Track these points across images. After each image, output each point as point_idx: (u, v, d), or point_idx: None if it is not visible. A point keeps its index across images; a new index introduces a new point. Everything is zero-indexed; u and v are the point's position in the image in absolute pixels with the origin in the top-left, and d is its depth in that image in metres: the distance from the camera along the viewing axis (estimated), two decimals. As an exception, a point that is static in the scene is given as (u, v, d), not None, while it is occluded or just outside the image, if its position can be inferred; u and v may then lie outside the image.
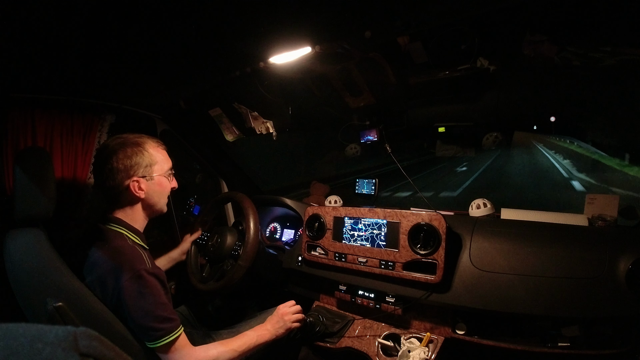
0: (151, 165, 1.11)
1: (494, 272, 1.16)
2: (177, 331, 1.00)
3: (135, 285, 0.96)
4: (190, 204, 2.37)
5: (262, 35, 1.09)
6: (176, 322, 1.01)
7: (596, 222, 1.25)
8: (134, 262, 0.98)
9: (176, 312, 1.04)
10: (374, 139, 1.74)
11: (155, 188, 1.13)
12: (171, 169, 1.19)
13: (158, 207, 1.17)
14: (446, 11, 1.03)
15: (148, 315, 0.96)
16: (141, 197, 1.11)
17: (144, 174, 1.10)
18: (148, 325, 0.96)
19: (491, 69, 1.34)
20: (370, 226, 1.37)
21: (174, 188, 1.21)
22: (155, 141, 1.16)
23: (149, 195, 1.12)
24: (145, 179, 1.10)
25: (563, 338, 1.09)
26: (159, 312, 0.97)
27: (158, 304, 0.98)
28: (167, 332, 0.97)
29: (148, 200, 1.13)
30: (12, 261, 0.99)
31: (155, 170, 1.12)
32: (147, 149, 1.11)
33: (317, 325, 1.36)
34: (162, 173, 1.15)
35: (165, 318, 0.98)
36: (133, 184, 1.08)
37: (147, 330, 0.96)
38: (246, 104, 1.74)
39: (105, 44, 1.00)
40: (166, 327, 0.98)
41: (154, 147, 1.14)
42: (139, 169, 1.09)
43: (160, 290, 1.00)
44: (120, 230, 1.08)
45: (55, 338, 0.31)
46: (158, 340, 0.96)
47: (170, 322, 0.99)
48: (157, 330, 0.96)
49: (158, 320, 0.97)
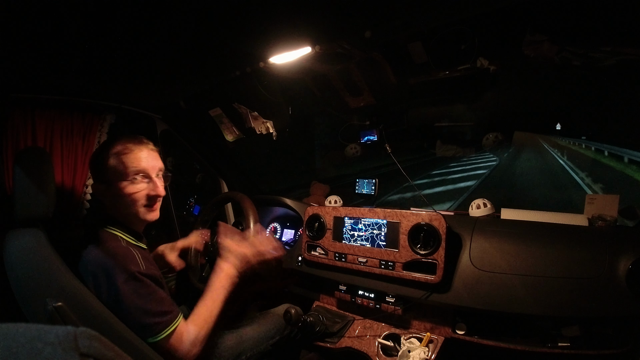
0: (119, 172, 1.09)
1: (494, 272, 1.16)
2: (176, 321, 1.01)
3: (130, 287, 0.96)
4: (190, 204, 2.37)
5: (262, 35, 1.09)
6: (174, 313, 1.01)
7: (596, 222, 1.25)
8: (126, 264, 0.98)
9: (174, 303, 1.04)
10: (374, 139, 1.74)
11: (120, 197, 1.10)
12: (160, 172, 1.17)
13: (138, 216, 1.14)
14: (446, 11, 1.03)
15: (147, 313, 0.96)
16: (128, 201, 1.10)
17: (110, 180, 1.09)
18: (147, 322, 0.96)
19: (491, 69, 1.34)
20: (370, 226, 1.37)
21: (155, 194, 1.16)
22: (146, 145, 1.15)
23: (115, 204, 1.12)
24: (108, 185, 1.09)
25: (563, 338, 1.09)
26: (157, 309, 0.98)
27: (155, 301, 0.99)
28: (166, 324, 0.98)
29: (118, 209, 1.12)
30: (12, 261, 0.99)
31: (120, 176, 1.09)
32: (142, 149, 1.12)
33: (317, 325, 1.36)
34: (127, 179, 1.11)
35: (163, 312, 0.99)
36: (99, 188, 1.09)
37: (147, 326, 0.97)
38: (246, 104, 1.74)
39: (105, 44, 1.00)
40: (165, 320, 0.99)
41: (142, 150, 1.13)
42: (116, 174, 1.08)
43: (155, 289, 1.01)
44: (115, 232, 1.08)
45: (55, 338, 0.31)
46: (159, 333, 0.97)
47: (168, 314, 1.00)
48: (157, 325, 0.97)
49: (157, 315, 0.98)
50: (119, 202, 1.10)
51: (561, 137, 9.93)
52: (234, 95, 1.71)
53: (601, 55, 1.19)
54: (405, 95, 1.73)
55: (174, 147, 2.16)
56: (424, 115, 2.10)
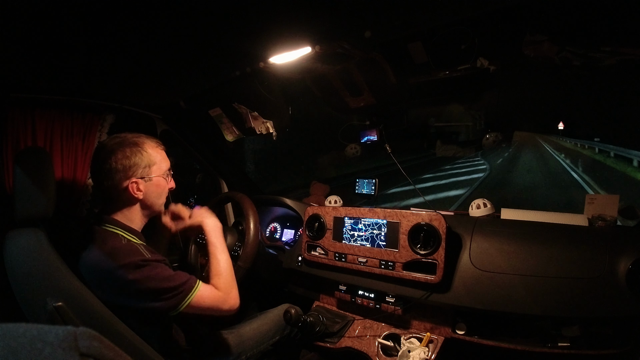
0: (150, 166, 1.11)
1: (494, 272, 1.16)
2: (196, 285, 1.04)
3: (139, 275, 0.96)
4: (190, 204, 2.37)
5: (262, 35, 1.09)
6: (191, 280, 1.04)
7: (596, 222, 1.25)
8: (130, 257, 0.98)
9: (186, 274, 1.06)
10: (374, 139, 1.74)
11: (154, 189, 1.13)
12: (169, 169, 1.19)
13: (156, 207, 1.17)
14: (446, 11, 1.03)
15: (161, 292, 0.98)
16: (139, 198, 1.10)
17: (142, 175, 1.09)
18: (166, 297, 0.98)
19: (491, 69, 1.34)
20: (370, 226, 1.37)
21: (171, 188, 1.20)
22: (155, 141, 1.15)
23: (147, 196, 1.12)
24: (144, 180, 1.10)
25: (563, 338, 1.09)
26: (171, 284, 1.00)
27: (166, 279, 1.00)
28: (186, 292, 1.01)
29: (146, 201, 1.13)
30: (12, 261, 0.99)
31: (153, 171, 1.12)
32: (146, 149, 1.11)
33: (317, 325, 1.36)
34: (160, 174, 1.14)
35: (178, 285, 1.01)
36: (132, 185, 1.08)
37: (168, 300, 0.98)
38: (246, 104, 1.74)
39: (105, 43, 1.00)
40: (184, 290, 1.01)
41: (152, 147, 1.13)
42: (138, 170, 1.08)
43: (164, 268, 1.02)
44: (116, 231, 1.08)
45: (55, 338, 0.31)
46: (182, 302, 1.00)
47: (185, 284, 1.02)
48: (176, 296, 0.99)
49: (173, 290, 1.00)
50: (150, 198, 1.13)
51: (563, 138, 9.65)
52: (234, 95, 1.71)
53: (601, 55, 1.18)
54: (405, 95, 1.72)
55: (174, 147, 2.16)
56: (424, 115, 2.10)
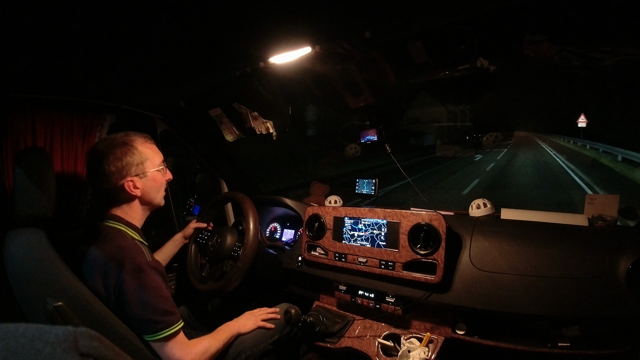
0: (143, 163, 1.11)
1: (494, 272, 1.16)
2: (177, 325, 1.01)
3: (136, 279, 0.96)
4: (190, 204, 2.37)
5: (262, 35, 1.09)
6: (176, 316, 1.02)
7: (596, 222, 1.25)
8: (134, 256, 0.99)
9: (175, 306, 1.04)
10: (374, 139, 1.74)
11: (151, 184, 1.14)
12: (163, 162, 1.19)
13: (155, 202, 1.18)
14: (446, 11, 1.03)
15: (148, 308, 0.96)
16: (138, 195, 1.11)
17: (137, 173, 1.10)
18: (148, 318, 0.96)
19: (491, 69, 1.34)
20: (370, 226, 1.37)
21: (168, 180, 1.21)
22: (143, 136, 1.16)
23: (146, 192, 1.13)
24: (139, 177, 1.11)
25: (563, 338, 1.09)
26: (159, 305, 0.98)
27: (159, 297, 0.99)
28: (167, 325, 0.98)
29: (145, 197, 1.14)
30: (12, 261, 0.99)
31: (147, 166, 1.12)
32: (136, 146, 1.11)
33: (317, 325, 1.36)
34: (155, 168, 1.15)
35: (165, 311, 0.99)
36: (128, 184, 1.09)
37: (147, 322, 0.97)
38: (246, 104, 1.74)
39: (105, 44, 1.00)
40: (166, 320, 0.98)
41: (142, 143, 1.13)
42: (132, 168, 1.09)
43: (161, 284, 1.01)
44: (119, 227, 1.09)
45: (55, 338, 0.31)
46: (158, 332, 0.97)
47: (170, 315, 1.00)
48: (157, 323, 0.97)
49: (158, 313, 0.97)
50: (148, 193, 1.13)
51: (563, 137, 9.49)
52: (234, 95, 1.71)
53: (601, 55, 1.18)
54: (405, 95, 1.72)
55: (174, 147, 2.16)
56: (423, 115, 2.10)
